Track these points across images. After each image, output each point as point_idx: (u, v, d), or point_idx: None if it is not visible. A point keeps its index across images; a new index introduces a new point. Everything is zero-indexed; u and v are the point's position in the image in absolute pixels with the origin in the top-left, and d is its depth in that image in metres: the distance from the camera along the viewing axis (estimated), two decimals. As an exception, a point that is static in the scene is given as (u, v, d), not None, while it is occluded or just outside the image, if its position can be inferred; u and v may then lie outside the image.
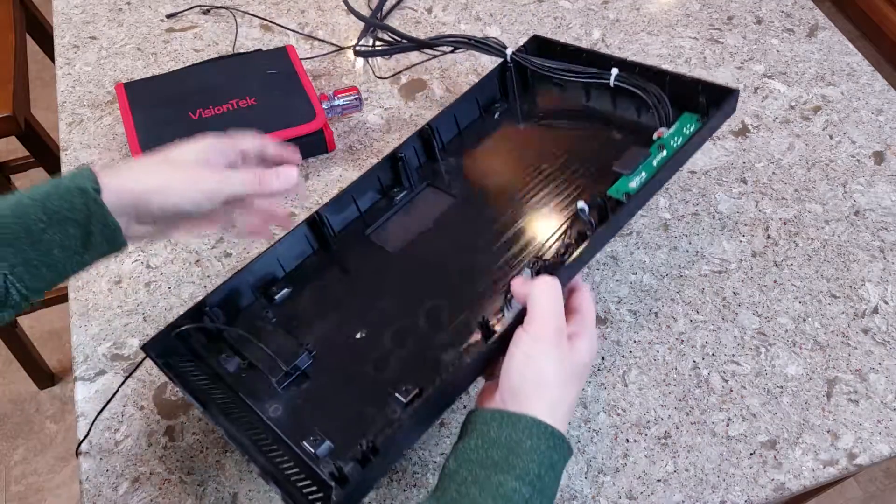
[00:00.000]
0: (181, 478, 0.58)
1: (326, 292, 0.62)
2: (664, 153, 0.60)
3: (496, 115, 0.74)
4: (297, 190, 0.57)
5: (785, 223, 0.74)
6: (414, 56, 0.87)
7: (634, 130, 0.69)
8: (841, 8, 2.19)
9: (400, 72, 0.87)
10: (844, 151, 0.80)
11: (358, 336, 0.59)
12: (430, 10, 0.94)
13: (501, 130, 0.73)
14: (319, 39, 0.90)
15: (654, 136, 0.63)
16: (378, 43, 0.81)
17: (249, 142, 0.58)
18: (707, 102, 0.65)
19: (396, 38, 0.79)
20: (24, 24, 1.35)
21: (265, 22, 0.92)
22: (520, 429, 0.45)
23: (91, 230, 0.47)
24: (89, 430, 0.60)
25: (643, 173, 0.58)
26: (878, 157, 0.79)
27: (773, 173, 0.78)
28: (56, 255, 0.47)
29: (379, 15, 0.92)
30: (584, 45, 0.90)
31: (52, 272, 0.47)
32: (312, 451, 0.51)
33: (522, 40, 0.90)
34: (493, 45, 0.74)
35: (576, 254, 0.54)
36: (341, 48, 0.89)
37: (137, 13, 0.94)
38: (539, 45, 0.75)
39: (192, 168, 0.52)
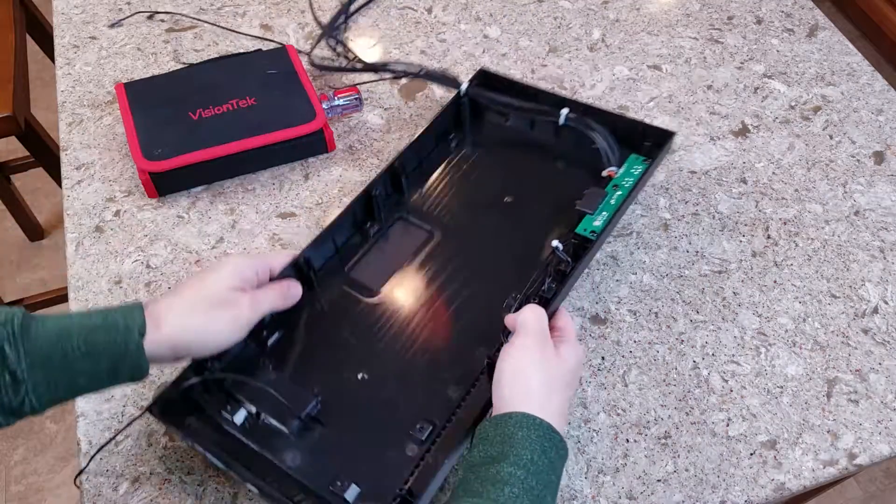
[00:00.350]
0: (181, 478, 0.58)
1: (318, 333, 0.62)
2: (619, 193, 0.66)
3: (453, 145, 0.76)
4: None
5: (785, 223, 0.74)
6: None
7: (581, 163, 0.73)
8: (841, 8, 2.19)
9: (353, 86, 0.83)
10: (844, 151, 0.80)
11: (360, 377, 0.59)
12: (430, 10, 0.94)
13: (460, 161, 0.75)
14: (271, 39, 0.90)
15: (604, 174, 0.68)
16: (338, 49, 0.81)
17: (281, 260, 0.60)
18: (651, 143, 0.70)
19: (349, 54, 0.81)
20: (24, 24, 1.35)
21: (219, 29, 0.92)
22: (511, 424, 0.48)
23: (121, 367, 0.48)
24: (89, 461, 0.59)
25: (605, 212, 0.64)
26: (878, 157, 0.79)
27: (773, 173, 0.78)
28: (80, 381, 0.48)
29: (343, 25, 0.91)
30: (584, 45, 0.90)
31: (68, 393, 0.48)
32: (342, 496, 0.52)
33: (522, 40, 0.90)
34: (448, 78, 0.76)
35: (561, 290, 0.60)
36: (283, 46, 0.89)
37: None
38: (487, 79, 0.78)
39: (227, 305, 0.53)
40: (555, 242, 0.61)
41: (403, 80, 0.86)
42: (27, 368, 0.45)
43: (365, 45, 0.90)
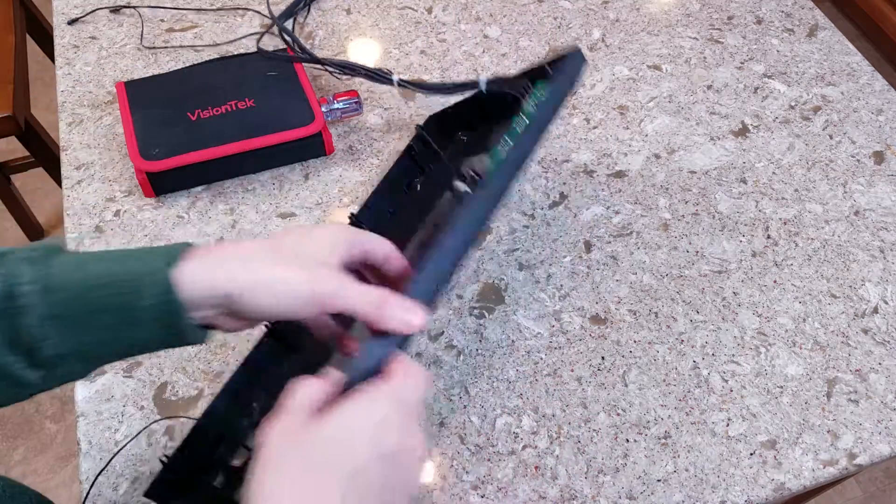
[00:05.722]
0: (181, 478, 0.58)
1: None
2: (525, 120, 0.60)
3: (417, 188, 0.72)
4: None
5: (785, 223, 0.74)
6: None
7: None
8: (841, 8, 2.19)
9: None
10: (844, 151, 0.80)
11: None
12: (430, 10, 0.94)
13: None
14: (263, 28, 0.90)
15: None
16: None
17: (381, 247, 0.47)
18: (555, 68, 0.65)
19: (298, 44, 0.82)
20: (24, 24, 1.35)
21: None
22: None
23: (141, 304, 0.39)
24: (89, 489, 0.58)
25: (509, 140, 0.58)
26: (878, 157, 0.79)
27: (773, 173, 0.78)
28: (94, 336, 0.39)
29: (298, 19, 0.92)
30: (584, 45, 0.90)
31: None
32: None
33: (522, 40, 0.90)
34: (381, 74, 0.76)
35: (462, 219, 0.50)
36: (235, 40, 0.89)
37: (137, 13, 0.93)
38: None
39: (308, 267, 0.42)
40: (457, 182, 0.57)
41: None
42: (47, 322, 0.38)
43: (355, 43, 0.90)
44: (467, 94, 0.72)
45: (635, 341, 0.65)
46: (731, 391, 0.63)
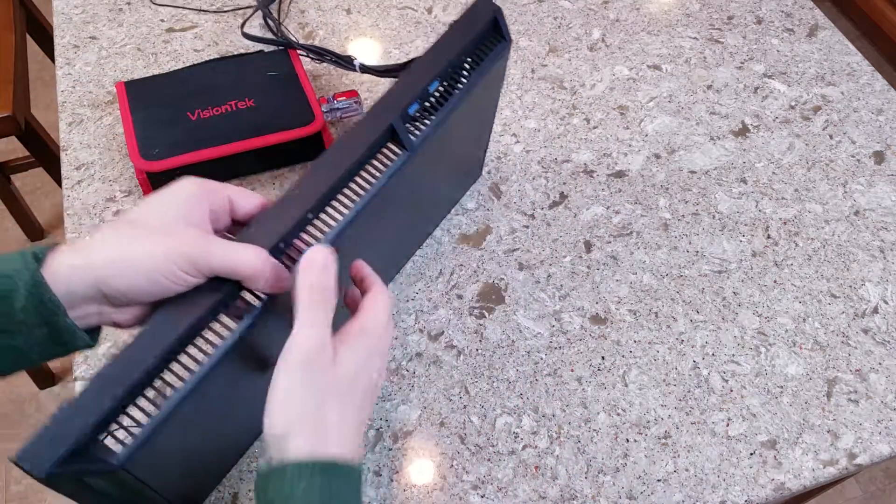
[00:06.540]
0: (181, 478, 0.58)
1: None
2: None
3: None
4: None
5: (785, 223, 0.74)
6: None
7: None
8: (841, 8, 2.19)
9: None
10: (844, 151, 0.80)
11: None
12: (430, 10, 0.94)
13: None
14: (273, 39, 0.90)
15: None
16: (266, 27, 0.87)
17: (250, 201, 0.46)
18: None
19: (276, 30, 0.84)
20: (24, 24, 1.35)
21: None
22: (287, 480, 0.39)
23: (15, 306, 0.38)
24: None
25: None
26: (878, 157, 0.79)
27: (773, 173, 0.78)
28: None
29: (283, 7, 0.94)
30: (584, 45, 0.90)
31: None
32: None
33: (522, 40, 0.90)
34: (345, 60, 0.78)
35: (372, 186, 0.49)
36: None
37: (137, 13, 0.93)
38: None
39: (164, 234, 0.41)
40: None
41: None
42: None
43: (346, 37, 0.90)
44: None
45: (635, 341, 0.65)
46: (731, 391, 0.63)
